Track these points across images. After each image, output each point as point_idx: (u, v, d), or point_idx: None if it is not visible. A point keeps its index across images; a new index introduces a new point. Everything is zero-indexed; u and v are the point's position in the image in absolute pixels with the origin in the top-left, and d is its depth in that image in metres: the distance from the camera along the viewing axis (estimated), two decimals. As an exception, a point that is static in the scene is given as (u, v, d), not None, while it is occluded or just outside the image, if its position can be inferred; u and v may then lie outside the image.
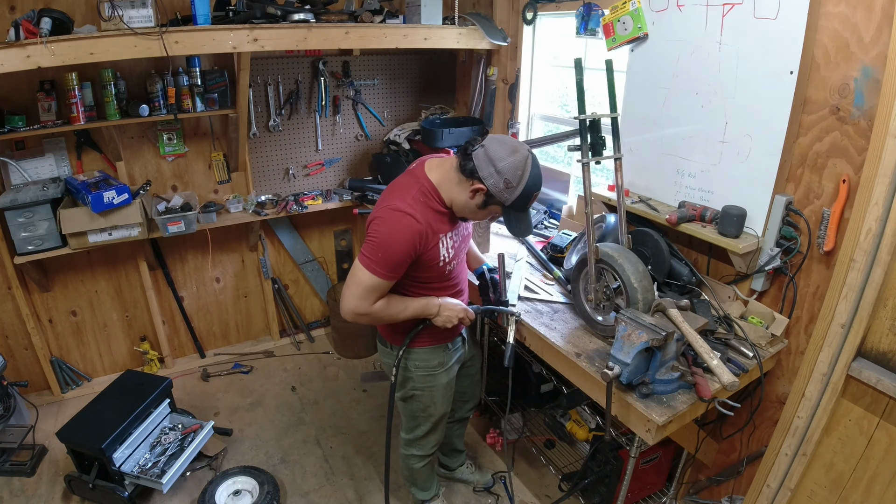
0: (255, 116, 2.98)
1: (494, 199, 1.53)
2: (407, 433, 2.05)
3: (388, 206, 1.54)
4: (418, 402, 1.92)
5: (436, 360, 1.85)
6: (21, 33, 2.03)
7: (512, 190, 1.51)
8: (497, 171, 1.49)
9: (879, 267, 1.42)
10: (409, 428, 2.03)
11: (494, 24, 2.88)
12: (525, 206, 1.58)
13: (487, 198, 1.53)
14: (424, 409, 1.94)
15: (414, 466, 2.09)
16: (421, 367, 1.84)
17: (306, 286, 3.63)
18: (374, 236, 1.52)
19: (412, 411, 1.96)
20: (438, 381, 1.88)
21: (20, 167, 2.56)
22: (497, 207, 1.57)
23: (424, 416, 1.96)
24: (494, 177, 1.49)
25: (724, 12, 1.74)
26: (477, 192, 1.53)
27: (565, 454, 2.54)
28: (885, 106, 1.35)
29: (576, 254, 2.13)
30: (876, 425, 1.51)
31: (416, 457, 2.06)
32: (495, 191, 1.51)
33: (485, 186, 1.51)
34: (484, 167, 1.49)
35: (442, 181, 1.59)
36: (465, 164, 1.52)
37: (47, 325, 2.93)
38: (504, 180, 1.49)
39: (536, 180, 1.54)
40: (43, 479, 2.46)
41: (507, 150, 1.50)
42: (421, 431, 1.99)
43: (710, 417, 1.99)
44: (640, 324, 1.47)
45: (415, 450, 2.05)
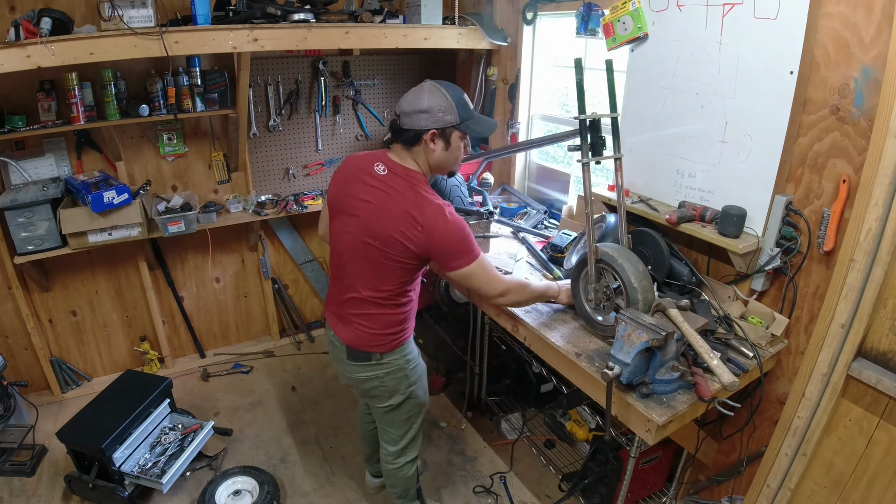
0: (255, 116, 2.98)
1: (447, 129, 1.58)
2: (395, 444, 1.96)
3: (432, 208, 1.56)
4: (415, 396, 1.88)
5: (415, 349, 1.88)
6: (21, 33, 2.03)
7: (448, 107, 1.55)
8: (426, 111, 1.54)
9: (879, 267, 1.42)
10: (399, 436, 1.95)
11: (494, 24, 2.88)
12: (469, 110, 1.61)
13: (442, 134, 1.58)
14: (419, 404, 1.92)
15: (408, 474, 2.02)
16: (410, 359, 1.84)
17: (306, 286, 3.63)
18: (452, 235, 1.56)
19: (408, 412, 1.90)
20: (422, 367, 1.92)
21: (20, 167, 2.56)
22: (457, 133, 1.61)
23: (417, 411, 1.94)
24: (429, 117, 1.55)
25: (724, 12, 1.74)
26: (432, 138, 1.57)
27: (565, 454, 2.54)
28: (885, 106, 1.35)
29: (576, 254, 2.13)
30: (876, 425, 1.51)
31: (409, 462, 2.01)
32: (441, 123, 1.56)
33: (433, 129, 1.56)
34: (416, 121, 1.55)
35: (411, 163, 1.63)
36: (404, 135, 1.58)
37: (47, 325, 2.93)
38: (437, 109, 1.54)
39: (454, 88, 1.60)
40: (43, 479, 2.46)
41: (413, 95, 1.58)
42: (413, 432, 1.96)
43: (710, 417, 1.99)
44: (640, 324, 1.47)
45: (406, 456, 1.99)
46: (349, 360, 1.79)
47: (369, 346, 1.75)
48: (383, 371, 1.79)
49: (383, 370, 1.79)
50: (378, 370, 1.78)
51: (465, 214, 2.45)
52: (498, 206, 2.84)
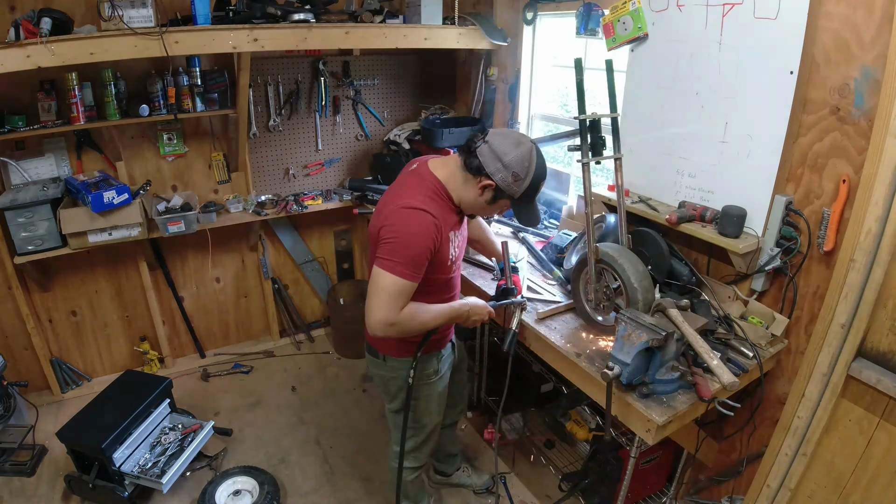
0: (255, 116, 2.98)
1: (504, 193, 1.52)
2: (397, 444, 1.94)
3: (401, 204, 1.49)
4: (413, 412, 1.84)
5: (430, 368, 1.81)
6: (21, 33, 2.03)
7: (521, 182, 1.51)
8: (504, 166, 1.48)
9: (879, 267, 1.42)
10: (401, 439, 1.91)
11: (494, 24, 2.88)
12: (533, 197, 1.58)
13: (497, 193, 1.53)
14: (418, 420, 1.89)
15: (406, 479, 2.01)
16: (417, 376, 1.76)
17: (306, 286, 3.63)
18: (391, 237, 1.46)
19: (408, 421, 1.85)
20: (434, 390, 1.86)
21: (20, 167, 2.56)
22: (506, 201, 1.57)
23: (417, 428, 1.90)
24: (502, 171, 1.49)
25: (724, 12, 1.74)
26: (486, 188, 1.52)
27: (565, 454, 2.54)
28: (885, 106, 1.35)
29: (576, 254, 2.13)
30: (876, 425, 1.51)
31: (409, 469, 1.99)
32: (504, 185, 1.50)
33: (493, 182, 1.50)
34: (490, 163, 1.49)
35: (448, 179, 1.57)
36: (471, 161, 1.51)
37: (47, 325, 2.93)
38: (512, 174, 1.49)
39: (542, 170, 1.54)
40: (43, 479, 2.46)
41: (512, 144, 1.50)
42: (412, 444, 1.93)
43: (710, 417, 1.98)
44: (640, 324, 1.47)
45: (406, 462, 1.97)
46: (367, 353, 1.85)
47: (377, 343, 1.77)
48: (388, 374, 1.80)
49: (388, 373, 1.80)
50: (384, 371, 1.81)
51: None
52: (498, 206, 2.84)
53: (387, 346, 1.76)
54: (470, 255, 2.39)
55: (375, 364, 1.83)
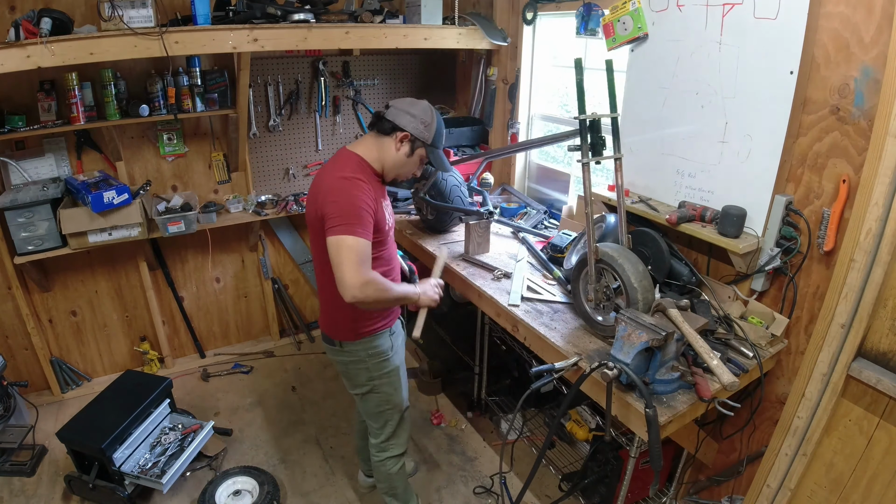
0: (255, 116, 2.98)
1: (418, 140, 1.71)
2: (377, 437, 2.00)
3: (335, 177, 1.61)
4: (380, 392, 1.90)
5: (385, 345, 1.87)
6: (21, 33, 2.03)
7: (430, 127, 1.71)
8: (413, 116, 1.69)
9: (879, 267, 1.42)
10: (379, 429, 1.99)
11: (494, 24, 2.88)
12: (440, 142, 1.77)
13: (412, 142, 1.71)
14: (388, 400, 1.93)
15: (391, 470, 2.03)
16: (373, 354, 1.84)
17: (306, 286, 3.63)
18: (335, 203, 1.56)
19: (377, 406, 1.93)
20: (393, 365, 1.91)
21: (20, 167, 2.56)
22: (422, 150, 1.74)
23: (390, 409, 1.94)
24: (413, 121, 1.69)
25: (724, 12, 1.74)
26: (403, 140, 1.70)
27: (565, 454, 2.54)
28: (885, 106, 1.35)
29: (576, 254, 2.13)
30: (876, 425, 1.51)
31: (392, 458, 2.02)
32: (417, 132, 1.69)
33: (408, 132, 1.69)
34: (401, 118, 1.69)
35: (367, 152, 1.71)
36: (384, 125, 1.70)
37: (47, 325, 2.93)
38: (421, 121, 1.70)
39: (441, 119, 1.77)
40: (43, 479, 2.46)
41: (410, 102, 1.73)
42: (391, 428, 1.97)
43: (710, 417, 1.99)
44: (640, 324, 1.47)
45: (388, 452, 2.00)
46: (323, 342, 1.93)
47: (332, 331, 1.85)
48: (347, 358, 1.87)
49: (347, 357, 1.87)
50: (342, 356, 1.87)
51: (465, 214, 2.45)
52: (498, 206, 2.84)
53: (342, 331, 1.82)
54: (471, 255, 2.39)
55: (333, 351, 1.90)
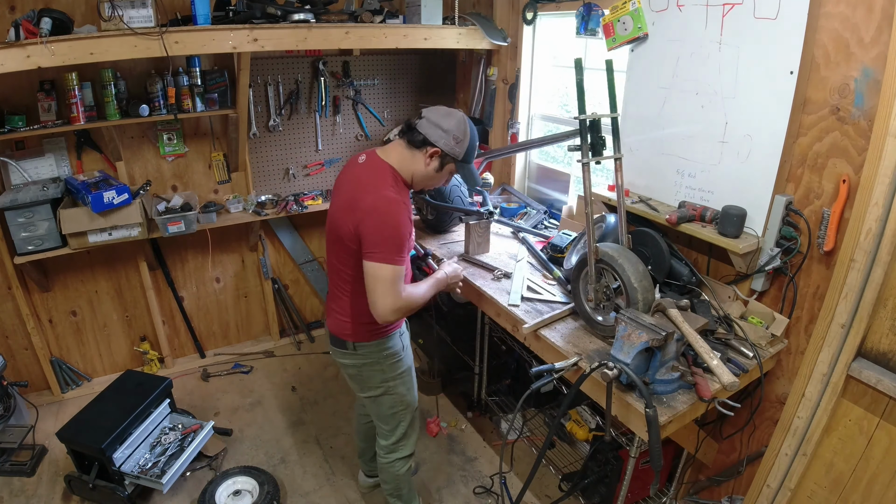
0: (255, 116, 2.98)
1: (448, 157, 1.67)
2: (387, 438, 1.98)
3: (380, 195, 1.60)
4: (394, 394, 1.89)
5: (397, 345, 1.87)
6: (21, 33, 2.03)
7: (462, 144, 1.67)
8: (445, 132, 1.64)
9: (879, 267, 1.42)
10: (389, 431, 1.97)
11: (494, 24, 2.88)
12: (472, 158, 1.73)
13: (442, 158, 1.67)
14: (402, 400, 1.92)
15: (399, 472, 2.02)
16: (388, 355, 1.84)
17: (306, 286, 3.63)
18: (378, 229, 1.56)
19: (390, 408, 1.92)
20: (405, 365, 1.91)
21: (20, 167, 2.56)
22: (452, 165, 1.71)
23: (403, 409, 1.94)
24: (444, 137, 1.64)
25: (724, 12, 1.74)
26: (433, 156, 1.66)
27: (565, 454, 2.54)
28: (885, 106, 1.35)
29: (576, 254, 2.13)
30: (876, 425, 1.51)
31: (401, 460, 2.00)
32: (448, 149, 1.65)
33: (439, 148, 1.65)
34: (432, 132, 1.64)
35: (399, 162, 1.69)
36: (414, 137, 1.66)
37: (47, 325, 2.93)
38: (453, 137, 1.65)
39: (475, 132, 1.72)
40: (43, 479, 2.46)
41: (445, 114, 1.67)
42: (402, 429, 1.96)
43: (710, 417, 1.99)
44: (640, 324, 1.47)
45: (398, 453, 1.99)
46: (332, 345, 1.89)
47: (344, 333, 1.81)
48: (360, 361, 1.84)
49: (360, 360, 1.84)
50: (354, 359, 1.84)
51: (466, 214, 2.45)
52: (498, 206, 2.84)
53: (357, 333, 1.79)
54: (471, 255, 2.39)
55: (345, 355, 1.86)
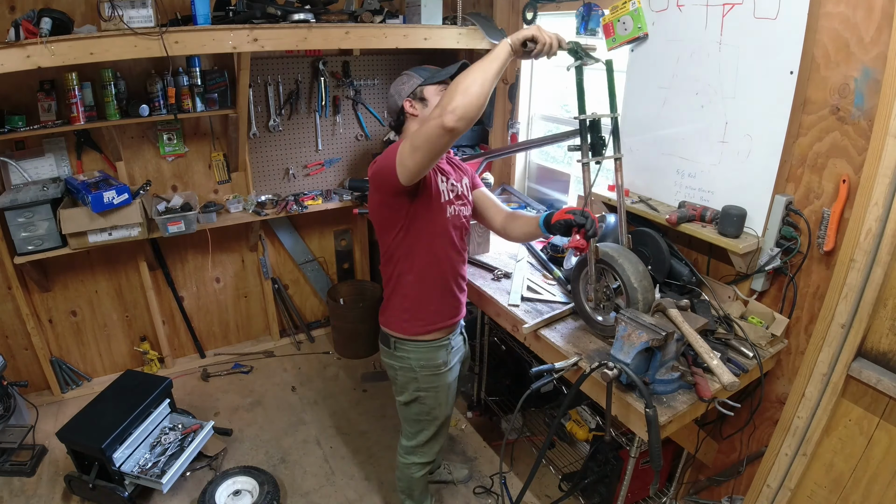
0: (255, 116, 2.98)
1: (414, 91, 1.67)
2: (409, 440, 1.98)
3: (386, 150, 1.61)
4: (423, 404, 1.87)
5: (440, 359, 1.82)
6: (21, 33, 2.03)
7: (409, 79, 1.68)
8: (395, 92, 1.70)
9: (879, 267, 1.42)
10: (412, 434, 1.96)
11: (494, 24, 2.88)
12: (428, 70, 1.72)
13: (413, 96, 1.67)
14: (429, 412, 1.89)
15: (414, 476, 2.01)
16: (426, 366, 1.80)
17: (306, 286, 3.63)
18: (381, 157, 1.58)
19: (416, 415, 1.90)
20: (443, 381, 1.86)
21: (20, 167, 2.56)
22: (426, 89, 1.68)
23: (429, 420, 1.91)
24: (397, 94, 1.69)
25: (724, 12, 1.74)
26: (410, 106, 1.68)
27: (565, 454, 2.54)
28: (885, 106, 1.35)
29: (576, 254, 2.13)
30: (876, 425, 1.51)
31: (418, 465, 2.00)
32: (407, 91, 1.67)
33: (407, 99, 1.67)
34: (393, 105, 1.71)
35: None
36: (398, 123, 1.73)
37: (47, 325, 2.93)
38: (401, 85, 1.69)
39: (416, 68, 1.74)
40: (43, 479, 2.46)
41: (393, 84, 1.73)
42: (424, 437, 1.94)
43: (710, 417, 1.99)
44: (640, 324, 1.47)
45: (416, 457, 1.98)
46: (380, 341, 1.90)
47: (387, 323, 1.82)
48: (397, 364, 1.84)
49: (397, 363, 1.83)
50: (394, 360, 1.84)
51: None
52: (498, 206, 2.84)
53: (396, 323, 1.79)
54: (471, 255, 2.39)
55: (385, 353, 1.87)
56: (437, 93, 1.66)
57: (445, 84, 1.67)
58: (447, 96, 1.40)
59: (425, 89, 1.67)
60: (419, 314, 1.76)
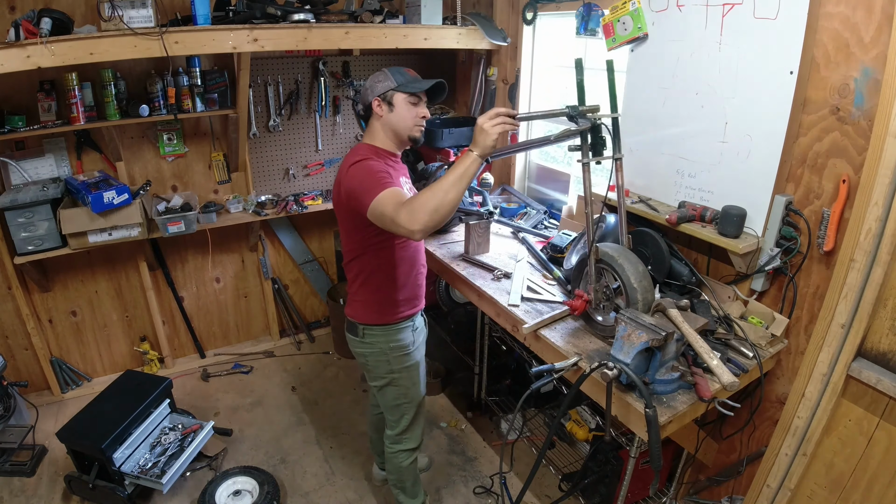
0: (255, 116, 2.98)
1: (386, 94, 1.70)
2: (393, 428, 2.04)
3: (347, 165, 1.67)
4: (398, 386, 1.94)
5: (406, 339, 1.90)
6: (21, 33, 2.03)
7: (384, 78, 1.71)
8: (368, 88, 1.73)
9: (879, 267, 1.42)
10: (395, 421, 2.02)
11: (494, 24, 2.88)
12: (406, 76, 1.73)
13: (383, 98, 1.71)
14: (406, 394, 1.96)
15: (403, 464, 2.07)
16: (395, 347, 1.88)
17: (306, 286, 3.63)
18: (356, 182, 1.60)
19: (394, 399, 1.97)
20: (413, 360, 1.95)
21: (20, 167, 2.56)
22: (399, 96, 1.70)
23: (407, 403, 1.98)
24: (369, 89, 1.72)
25: (724, 12, 1.74)
26: (378, 105, 1.72)
27: (565, 454, 2.54)
28: (885, 106, 1.35)
29: (576, 254, 2.13)
30: (876, 425, 1.51)
31: (405, 451, 2.05)
32: (380, 90, 1.70)
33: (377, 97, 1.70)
34: (364, 98, 1.75)
35: (371, 137, 1.78)
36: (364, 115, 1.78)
37: (47, 325, 2.93)
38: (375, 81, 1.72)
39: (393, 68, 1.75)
40: (43, 479, 2.46)
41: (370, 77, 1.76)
42: (406, 421, 2.01)
43: (710, 417, 1.99)
44: (640, 324, 1.47)
45: (402, 445, 2.04)
46: (346, 331, 1.94)
47: (354, 315, 1.88)
48: (368, 350, 1.89)
49: (368, 349, 1.89)
50: (364, 348, 1.90)
51: (466, 214, 2.45)
52: (498, 207, 2.84)
53: (366, 315, 1.85)
54: (471, 255, 2.39)
55: (354, 343, 1.92)
56: (406, 102, 1.71)
57: (416, 97, 1.72)
58: (418, 206, 1.44)
59: (396, 95, 1.71)
60: (388, 305, 1.85)
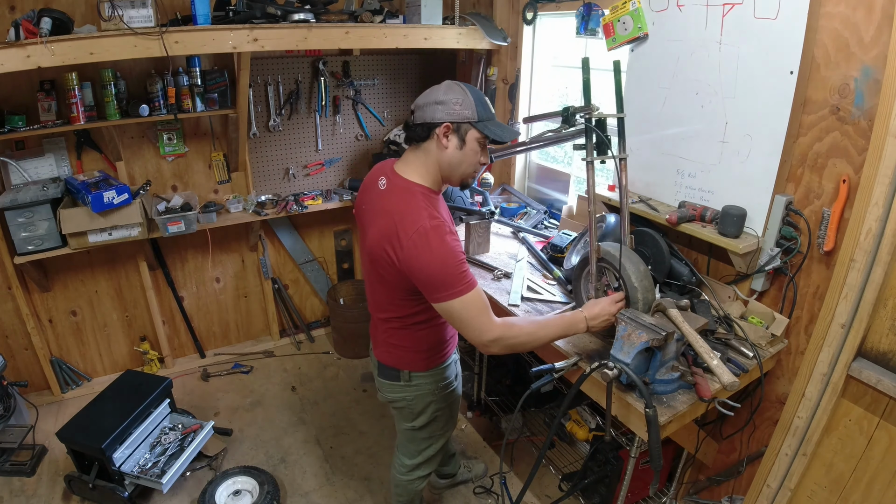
0: (255, 116, 2.98)
1: (462, 125, 1.43)
2: (412, 458, 1.91)
3: (415, 229, 1.39)
4: (439, 421, 1.83)
5: (450, 375, 1.80)
6: (21, 33, 2.03)
7: (465, 102, 1.42)
8: (442, 103, 1.42)
9: (879, 267, 1.42)
10: (417, 451, 1.90)
11: (494, 24, 2.88)
12: (490, 110, 1.48)
13: (457, 129, 1.43)
14: (443, 427, 1.87)
15: (418, 488, 1.99)
16: (441, 385, 1.76)
17: (306, 286, 3.63)
18: (434, 262, 1.37)
19: (430, 433, 1.85)
20: (456, 393, 1.87)
21: (20, 167, 2.56)
22: (473, 132, 1.44)
23: (440, 434, 1.89)
24: (444, 107, 1.41)
25: (724, 12, 1.74)
26: (446, 132, 1.43)
27: (565, 454, 2.54)
28: (885, 106, 1.35)
29: (576, 254, 2.13)
30: (876, 425, 1.51)
31: (422, 477, 1.97)
32: (457, 116, 1.42)
33: (446, 121, 1.42)
34: (430, 112, 1.43)
35: (419, 172, 1.49)
36: (416, 131, 1.46)
37: (47, 325, 2.93)
38: (453, 102, 1.41)
39: (473, 88, 1.47)
40: (43, 479, 2.46)
41: (433, 90, 1.46)
42: (432, 451, 1.91)
43: (710, 417, 1.99)
44: (640, 324, 1.47)
45: (421, 471, 1.94)
46: (380, 377, 1.75)
47: (397, 363, 1.69)
48: (411, 393, 1.72)
49: (411, 392, 1.72)
50: (406, 392, 1.72)
51: (466, 214, 2.45)
52: (498, 206, 2.84)
53: (415, 363, 1.68)
54: (471, 255, 2.39)
55: (395, 388, 1.72)
56: (477, 142, 1.46)
57: (494, 143, 1.49)
58: (511, 336, 1.44)
59: (471, 132, 1.44)
60: (437, 350, 1.71)
